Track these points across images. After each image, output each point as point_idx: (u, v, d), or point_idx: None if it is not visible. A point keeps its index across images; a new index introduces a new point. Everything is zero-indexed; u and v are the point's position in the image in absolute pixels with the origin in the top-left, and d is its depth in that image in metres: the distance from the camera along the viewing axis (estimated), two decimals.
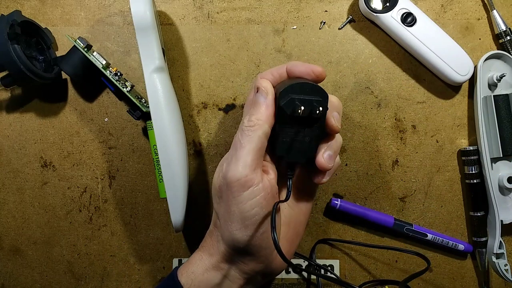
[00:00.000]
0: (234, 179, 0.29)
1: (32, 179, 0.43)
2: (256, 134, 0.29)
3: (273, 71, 0.33)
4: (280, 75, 0.32)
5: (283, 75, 0.32)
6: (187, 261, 0.34)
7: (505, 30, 0.41)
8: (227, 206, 0.30)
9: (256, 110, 0.30)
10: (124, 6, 0.43)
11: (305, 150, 0.31)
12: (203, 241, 0.34)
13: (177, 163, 0.36)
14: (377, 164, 0.43)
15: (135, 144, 0.43)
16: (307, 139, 0.31)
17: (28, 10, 0.43)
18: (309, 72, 0.31)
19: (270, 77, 0.32)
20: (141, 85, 0.43)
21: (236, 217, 0.29)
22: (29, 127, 0.43)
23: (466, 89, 0.43)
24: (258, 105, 0.30)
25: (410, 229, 0.42)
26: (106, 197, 0.43)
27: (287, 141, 0.31)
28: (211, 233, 0.33)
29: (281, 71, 0.32)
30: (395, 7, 0.40)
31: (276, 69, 0.33)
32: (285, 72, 0.32)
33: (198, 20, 0.43)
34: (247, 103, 0.34)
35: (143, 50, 0.36)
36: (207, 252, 0.33)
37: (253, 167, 0.29)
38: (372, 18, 0.42)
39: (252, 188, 0.29)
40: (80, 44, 0.39)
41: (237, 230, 0.29)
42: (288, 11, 0.43)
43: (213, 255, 0.32)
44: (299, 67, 0.31)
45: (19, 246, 0.44)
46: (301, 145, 0.31)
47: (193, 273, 0.32)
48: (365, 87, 0.43)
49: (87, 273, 0.43)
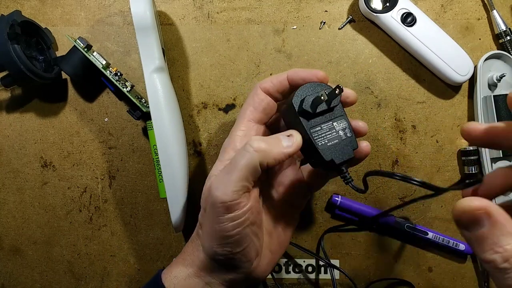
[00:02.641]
0: (220, 200, 0.28)
1: (32, 179, 0.43)
2: (258, 160, 0.28)
3: (273, 79, 0.32)
4: (281, 82, 0.32)
5: (284, 83, 0.32)
6: (171, 264, 0.33)
7: (505, 30, 0.41)
8: (209, 221, 0.29)
9: (273, 145, 0.29)
10: (124, 6, 0.43)
11: (346, 145, 0.30)
12: (186, 246, 0.33)
13: (177, 163, 0.36)
14: (377, 164, 0.43)
15: (135, 144, 0.43)
16: (341, 133, 0.30)
17: (28, 10, 0.43)
18: (311, 78, 0.31)
19: (270, 85, 0.32)
20: (141, 85, 0.43)
21: (217, 234, 0.29)
22: (29, 127, 0.43)
23: (466, 89, 0.43)
24: (277, 141, 0.29)
25: (410, 227, 0.42)
26: (106, 197, 0.43)
27: (326, 144, 0.29)
28: (193, 240, 0.33)
29: (281, 78, 0.32)
30: (395, 7, 0.40)
31: (276, 77, 0.32)
32: (286, 79, 0.32)
33: (198, 20, 0.43)
34: (245, 107, 0.33)
35: (143, 50, 0.36)
36: (188, 258, 0.32)
37: (243, 191, 0.28)
38: (372, 18, 0.42)
39: (237, 212, 0.28)
40: (80, 44, 0.39)
41: (217, 246, 0.29)
42: (288, 11, 0.43)
43: (194, 263, 0.32)
44: (300, 73, 0.31)
45: (19, 246, 0.44)
46: (340, 142, 0.30)
47: (175, 277, 0.32)
48: (365, 87, 0.43)
49: (87, 273, 0.43)
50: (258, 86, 0.33)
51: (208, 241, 0.30)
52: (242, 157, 0.28)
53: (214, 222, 0.29)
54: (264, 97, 0.32)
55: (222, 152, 0.32)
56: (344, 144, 0.30)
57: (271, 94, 0.32)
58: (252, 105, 0.32)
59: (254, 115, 0.32)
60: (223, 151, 0.32)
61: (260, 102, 0.32)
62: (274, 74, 0.33)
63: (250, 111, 0.32)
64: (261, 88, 0.32)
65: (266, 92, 0.32)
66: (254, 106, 0.32)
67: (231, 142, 0.32)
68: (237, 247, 0.29)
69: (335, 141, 0.30)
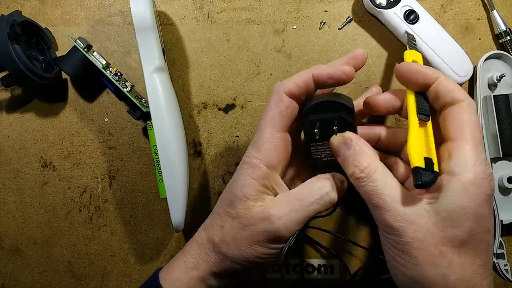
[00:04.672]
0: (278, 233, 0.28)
1: (32, 179, 0.43)
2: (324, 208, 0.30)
3: (297, 80, 0.29)
4: (306, 83, 0.29)
5: (309, 83, 0.29)
6: (169, 265, 0.32)
7: (505, 30, 0.41)
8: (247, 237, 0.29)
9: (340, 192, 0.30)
10: (124, 6, 0.43)
11: None
12: (189, 248, 0.32)
13: (177, 163, 0.36)
14: None
15: (135, 144, 0.43)
16: None
17: (28, 10, 0.43)
18: (339, 75, 0.29)
19: (295, 88, 0.29)
20: (141, 85, 0.43)
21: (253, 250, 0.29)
22: (29, 127, 0.43)
23: (466, 89, 0.43)
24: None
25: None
26: (106, 197, 0.43)
27: (321, 159, 0.31)
28: (200, 245, 0.32)
29: (306, 78, 0.29)
30: (399, 3, 0.40)
31: (300, 78, 0.29)
32: (311, 79, 0.29)
33: (198, 20, 0.43)
34: (269, 114, 0.30)
35: (143, 50, 0.36)
36: (192, 261, 0.31)
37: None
38: (375, 13, 0.42)
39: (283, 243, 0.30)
40: (80, 44, 0.39)
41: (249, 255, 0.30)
42: (288, 11, 0.43)
43: (200, 267, 0.31)
44: (326, 70, 0.29)
45: (19, 246, 0.44)
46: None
47: (178, 280, 0.31)
48: (365, 87, 0.43)
49: (87, 273, 0.44)
50: (281, 90, 0.29)
51: (237, 248, 0.30)
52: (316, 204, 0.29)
53: (254, 242, 0.29)
54: (289, 102, 0.29)
55: (248, 164, 0.30)
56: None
57: (296, 97, 0.30)
58: (278, 112, 0.29)
59: (282, 123, 0.30)
60: (249, 164, 0.30)
61: (286, 109, 0.29)
62: (295, 74, 0.30)
63: (278, 119, 0.29)
64: (285, 92, 0.29)
65: (291, 96, 0.29)
66: (281, 114, 0.29)
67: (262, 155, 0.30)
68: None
69: (333, 158, 0.31)
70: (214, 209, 0.33)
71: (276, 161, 0.30)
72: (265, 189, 0.30)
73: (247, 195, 0.29)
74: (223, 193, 0.32)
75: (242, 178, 0.30)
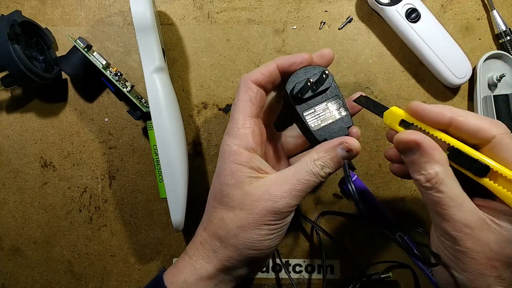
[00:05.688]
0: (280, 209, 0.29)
1: (32, 179, 0.43)
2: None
3: (262, 70, 0.31)
4: (271, 72, 0.31)
5: (274, 72, 0.31)
6: (174, 267, 0.32)
7: (505, 30, 0.41)
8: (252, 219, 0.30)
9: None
10: (124, 6, 0.43)
11: (341, 123, 0.31)
12: (194, 249, 0.32)
13: (177, 163, 0.36)
14: (377, 164, 0.43)
15: (135, 144, 0.43)
16: (336, 113, 0.31)
17: (28, 10, 0.43)
18: (300, 61, 0.31)
19: (261, 77, 0.31)
20: (141, 85, 0.43)
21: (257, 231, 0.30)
22: (29, 127, 0.43)
23: (466, 89, 0.43)
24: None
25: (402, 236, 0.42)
26: (106, 197, 0.43)
27: (319, 125, 0.31)
28: (205, 245, 0.31)
29: (270, 68, 0.31)
30: (401, 1, 0.41)
31: (265, 68, 0.31)
32: (275, 68, 0.31)
33: (198, 20, 0.43)
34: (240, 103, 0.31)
35: (143, 50, 0.36)
36: (200, 260, 0.31)
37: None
38: (377, 10, 0.42)
39: (288, 218, 0.31)
40: (80, 44, 0.39)
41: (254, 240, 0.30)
42: (288, 11, 0.43)
43: (208, 266, 0.31)
44: (288, 59, 0.31)
45: (19, 246, 0.44)
46: (335, 121, 0.31)
47: (184, 281, 0.30)
48: (365, 87, 0.43)
49: (87, 273, 0.43)
50: (248, 79, 0.31)
51: (245, 234, 0.30)
52: (314, 180, 0.30)
53: (260, 224, 0.29)
54: (257, 90, 0.31)
55: (229, 152, 0.31)
56: (339, 123, 0.31)
57: (263, 85, 0.31)
58: (248, 100, 0.31)
59: (253, 110, 0.31)
60: (230, 152, 0.31)
61: (255, 96, 0.31)
62: (260, 66, 0.32)
63: (249, 106, 0.31)
64: (252, 81, 0.31)
65: (258, 85, 0.31)
66: (252, 101, 0.31)
67: (240, 141, 0.31)
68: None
69: (329, 121, 0.31)
70: (206, 206, 0.33)
71: (254, 144, 0.31)
72: (254, 171, 0.30)
73: (238, 181, 0.30)
74: (212, 187, 0.32)
75: (227, 167, 0.30)
